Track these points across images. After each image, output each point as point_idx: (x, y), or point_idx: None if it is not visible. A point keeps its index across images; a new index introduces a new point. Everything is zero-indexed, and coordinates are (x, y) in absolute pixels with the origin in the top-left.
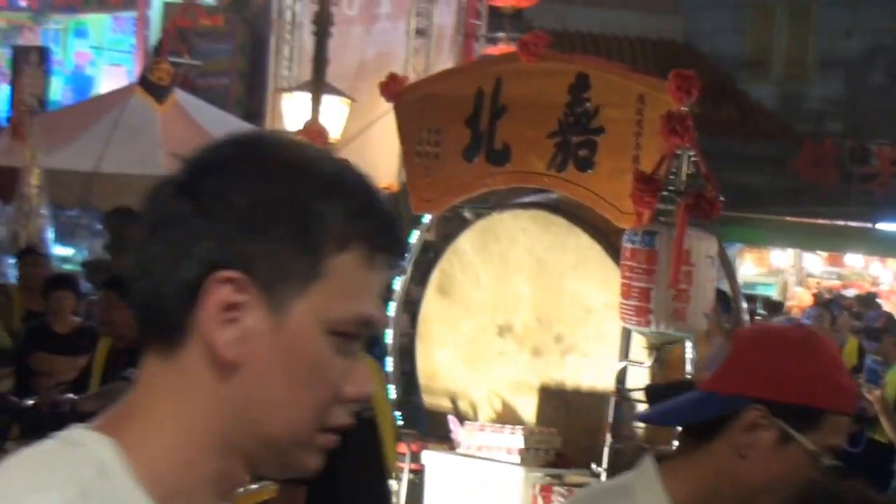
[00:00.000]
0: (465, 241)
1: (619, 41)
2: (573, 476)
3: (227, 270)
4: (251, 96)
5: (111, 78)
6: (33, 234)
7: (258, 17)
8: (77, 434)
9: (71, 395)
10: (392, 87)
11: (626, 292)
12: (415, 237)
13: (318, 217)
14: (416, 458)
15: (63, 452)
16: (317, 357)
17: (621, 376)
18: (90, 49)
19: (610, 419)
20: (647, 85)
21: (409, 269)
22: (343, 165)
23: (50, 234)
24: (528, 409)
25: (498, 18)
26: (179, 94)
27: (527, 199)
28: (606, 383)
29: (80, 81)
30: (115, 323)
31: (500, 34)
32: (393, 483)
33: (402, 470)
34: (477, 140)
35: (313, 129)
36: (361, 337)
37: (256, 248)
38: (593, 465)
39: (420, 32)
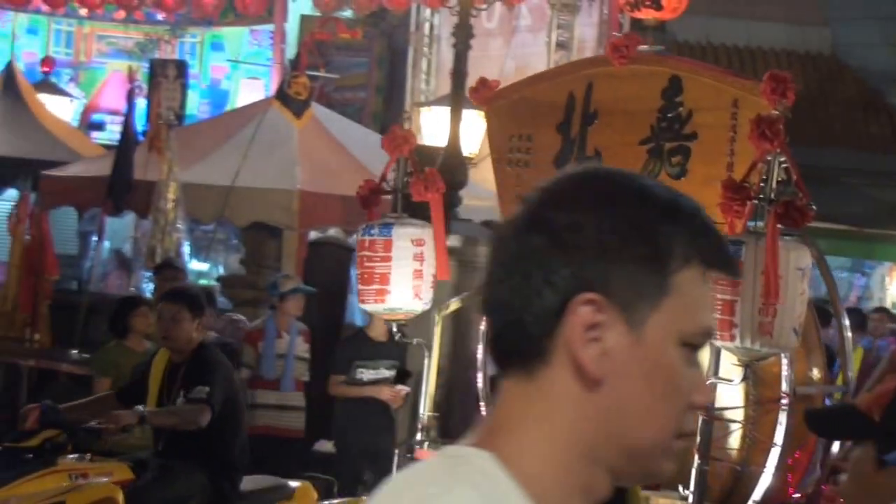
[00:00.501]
0: None
1: (764, 54)
2: (660, 499)
3: (588, 293)
4: (388, 110)
5: (248, 91)
6: (170, 248)
7: (396, 29)
8: (455, 450)
9: (140, 408)
10: (483, 93)
11: None
12: None
13: (665, 238)
14: None
15: (451, 465)
16: (672, 368)
17: (710, 394)
18: (227, 62)
19: (698, 439)
20: (741, 88)
21: None
22: (674, 191)
23: (186, 249)
24: None
25: (640, 31)
26: (317, 109)
27: None
28: None
29: (217, 95)
30: (177, 337)
31: (643, 47)
32: None
33: None
34: (568, 146)
35: (400, 135)
36: (703, 348)
37: (611, 271)
38: (680, 488)
39: (560, 45)
